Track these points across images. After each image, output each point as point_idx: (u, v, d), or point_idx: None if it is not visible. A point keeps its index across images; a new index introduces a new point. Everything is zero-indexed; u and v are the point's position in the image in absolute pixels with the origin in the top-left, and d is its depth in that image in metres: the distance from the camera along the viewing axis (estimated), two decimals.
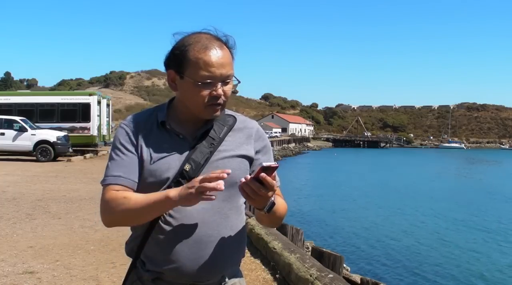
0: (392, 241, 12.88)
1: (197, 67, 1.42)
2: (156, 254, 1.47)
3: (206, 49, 1.43)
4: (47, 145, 18.90)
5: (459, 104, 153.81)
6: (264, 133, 1.63)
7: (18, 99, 23.23)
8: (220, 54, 1.44)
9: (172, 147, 1.48)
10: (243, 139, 1.54)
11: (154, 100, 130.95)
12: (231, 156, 1.50)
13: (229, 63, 1.46)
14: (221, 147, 1.50)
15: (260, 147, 1.58)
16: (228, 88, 1.47)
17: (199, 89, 1.43)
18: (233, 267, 1.56)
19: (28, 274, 4.75)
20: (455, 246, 12.55)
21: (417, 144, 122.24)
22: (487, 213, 18.17)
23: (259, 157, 1.56)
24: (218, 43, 1.46)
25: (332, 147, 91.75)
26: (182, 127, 1.51)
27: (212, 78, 1.42)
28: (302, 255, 4.21)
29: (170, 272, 1.46)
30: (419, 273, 9.99)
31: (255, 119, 4.21)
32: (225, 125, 1.53)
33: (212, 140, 1.49)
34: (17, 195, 10.00)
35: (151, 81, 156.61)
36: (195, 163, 1.45)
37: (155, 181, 1.46)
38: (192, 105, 1.47)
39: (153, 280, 1.49)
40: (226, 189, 1.44)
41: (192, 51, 1.43)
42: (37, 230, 6.82)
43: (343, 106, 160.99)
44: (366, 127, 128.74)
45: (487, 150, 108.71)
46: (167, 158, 1.47)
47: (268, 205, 1.42)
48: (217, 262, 1.48)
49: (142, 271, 1.50)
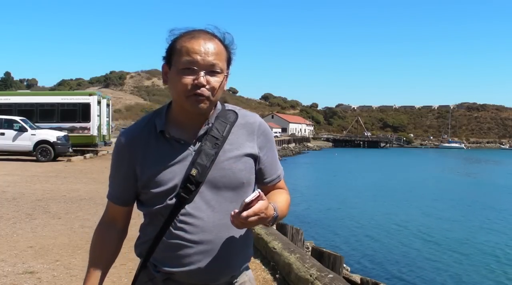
0: (392, 241, 12.88)
1: (180, 54, 1.41)
2: (166, 258, 1.47)
3: (192, 38, 1.42)
4: (47, 145, 18.89)
5: (459, 104, 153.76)
6: (267, 127, 1.58)
7: (18, 99, 23.22)
8: (205, 43, 1.41)
9: (174, 155, 1.46)
10: (245, 136, 1.51)
11: (154, 100, 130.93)
12: (236, 156, 1.48)
13: (216, 54, 1.42)
14: (225, 146, 1.47)
15: (263, 144, 1.55)
16: (214, 80, 1.41)
17: (181, 76, 1.40)
18: (242, 266, 1.57)
19: (28, 274, 4.75)
20: (455, 245, 12.54)
21: (417, 144, 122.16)
22: (488, 213, 18.16)
23: (263, 154, 1.55)
24: (209, 36, 1.44)
25: (332, 147, 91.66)
26: (182, 131, 1.48)
27: (192, 63, 1.39)
28: (302, 255, 4.21)
29: (181, 274, 1.47)
30: (419, 273, 9.98)
31: None
32: (227, 122, 1.49)
33: (216, 140, 1.46)
34: (17, 195, 10.00)
35: (151, 81, 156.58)
36: (201, 167, 1.43)
37: (162, 191, 1.45)
38: (177, 95, 1.44)
39: (164, 280, 1.50)
40: (233, 191, 1.46)
41: (179, 41, 1.43)
42: (37, 230, 6.81)
43: (343, 106, 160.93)
44: (366, 127, 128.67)
45: (487, 150, 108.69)
46: (171, 167, 1.45)
47: (270, 222, 1.42)
48: (228, 263, 1.48)
49: (153, 272, 1.51)
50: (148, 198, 1.48)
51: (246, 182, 1.49)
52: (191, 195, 1.44)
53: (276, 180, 1.60)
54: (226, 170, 1.45)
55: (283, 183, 1.64)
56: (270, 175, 1.58)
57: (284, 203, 1.54)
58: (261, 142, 1.54)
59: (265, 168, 1.56)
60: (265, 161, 1.55)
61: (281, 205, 1.49)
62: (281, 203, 1.51)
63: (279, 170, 1.62)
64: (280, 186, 1.62)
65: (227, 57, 1.47)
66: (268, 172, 1.57)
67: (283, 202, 1.53)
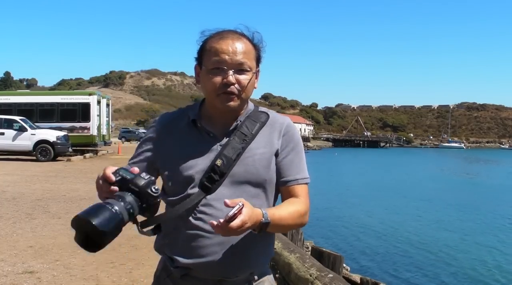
0: (392, 240, 12.88)
1: (210, 54, 1.47)
2: (185, 249, 1.48)
3: (220, 39, 1.47)
4: (47, 144, 18.91)
5: (459, 104, 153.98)
6: (294, 129, 1.59)
7: (18, 99, 23.25)
8: (234, 43, 1.46)
9: (202, 145, 1.50)
10: (273, 135, 1.54)
11: (154, 99, 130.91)
12: (261, 153, 1.50)
13: (244, 53, 1.47)
14: (252, 144, 1.50)
15: (286, 143, 1.55)
16: (243, 78, 1.46)
17: (211, 76, 1.46)
18: (261, 265, 1.56)
19: (28, 273, 4.75)
20: (455, 245, 12.55)
21: (417, 144, 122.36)
22: (489, 213, 18.17)
23: (283, 152, 1.54)
24: (237, 36, 1.49)
25: (332, 147, 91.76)
26: (213, 125, 1.52)
27: (221, 63, 1.44)
28: (302, 255, 4.21)
29: (198, 267, 1.47)
30: (419, 273, 9.99)
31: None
32: (257, 121, 1.53)
33: (244, 136, 1.50)
34: (17, 194, 10.00)
35: (151, 81, 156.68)
36: (227, 159, 1.46)
37: (186, 176, 1.48)
38: (208, 94, 1.49)
39: (182, 276, 1.51)
40: (255, 187, 1.48)
41: (208, 42, 1.49)
42: (37, 229, 6.82)
43: (343, 106, 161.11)
44: (366, 127, 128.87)
45: (487, 150, 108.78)
46: (197, 155, 1.49)
47: (257, 227, 1.38)
48: (245, 259, 1.48)
49: (171, 268, 1.52)
50: (172, 186, 1.51)
51: (268, 180, 1.51)
52: (214, 185, 1.46)
53: (291, 182, 1.54)
54: (250, 166, 1.47)
55: (303, 192, 1.56)
56: (286, 176, 1.54)
57: (287, 212, 1.48)
58: (284, 140, 1.55)
59: (282, 167, 1.53)
60: (283, 160, 1.54)
61: (279, 213, 1.45)
62: (282, 212, 1.47)
63: (299, 175, 1.55)
64: (298, 193, 1.54)
65: (256, 56, 1.52)
66: (284, 172, 1.54)
67: (287, 211, 1.49)
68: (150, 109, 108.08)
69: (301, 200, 1.54)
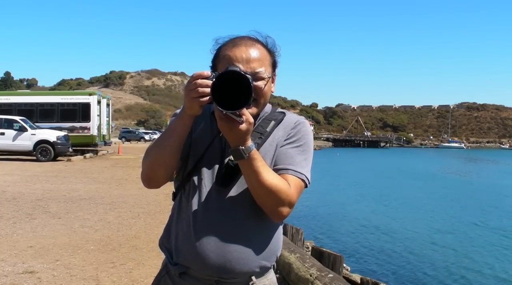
0: (392, 240, 12.87)
1: (224, 62, 1.45)
2: (183, 246, 1.49)
3: (234, 46, 1.47)
4: (47, 145, 18.91)
5: (459, 104, 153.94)
6: (305, 127, 1.55)
7: (18, 99, 23.25)
8: (247, 50, 1.45)
9: (217, 139, 1.50)
10: (284, 130, 1.54)
11: (154, 99, 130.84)
12: (274, 149, 1.50)
13: (259, 59, 1.46)
14: (267, 141, 1.50)
15: (291, 136, 1.51)
16: (259, 85, 1.45)
17: None
18: (261, 267, 1.52)
19: (28, 273, 4.75)
20: (455, 245, 12.54)
21: (417, 144, 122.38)
22: (489, 213, 18.16)
23: (285, 143, 1.50)
24: (251, 42, 1.48)
25: (332, 147, 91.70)
26: None
27: None
28: (302, 255, 4.20)
29: (196, 265, 1.47)
30: (419, 273, 9.98)
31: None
32: (272, 120, 1.53)
33: (260, 134, 1.49)
34: (17, 194, 10.00)
35: (151, 81, 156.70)
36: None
37: (201, 169, 1.49)
38: None
39: (180, 274, 1.51)
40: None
41: (222, 49, 1.49)
42: (37, 229, 6.81)
43: (343, 106, 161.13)
44: (366, 127, 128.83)
45: (487, 150, 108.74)
46: (212, 150, 1.50)
47: (235, 150, 1.33)
48: (243, 259, 1.47)
49: (169, 265, 1.53)
50: (186, 177, 1.51)
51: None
52: (225, 181, 1.46)
53: (281, 171, 1.46)
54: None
55: (293, 183, 1.45)
56: (280, 164, 1.48)
57: (270, 173, 1.40)
58: (290, 134, 1.53)
59: (279, 156, 1.49)
60: (282, 150, 1.50)
61: (262, 165, 1.37)
62: (266, 168, 1.39)
63: (292, 166, 1.47)
64: (288, 182, 1.44)
65: (271, 61, 1.52)
66: (279, 160, 1.49)
67: (271, 173, 1.40)
68: (150, 109, 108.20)
69: (290, 185, 1.43)
